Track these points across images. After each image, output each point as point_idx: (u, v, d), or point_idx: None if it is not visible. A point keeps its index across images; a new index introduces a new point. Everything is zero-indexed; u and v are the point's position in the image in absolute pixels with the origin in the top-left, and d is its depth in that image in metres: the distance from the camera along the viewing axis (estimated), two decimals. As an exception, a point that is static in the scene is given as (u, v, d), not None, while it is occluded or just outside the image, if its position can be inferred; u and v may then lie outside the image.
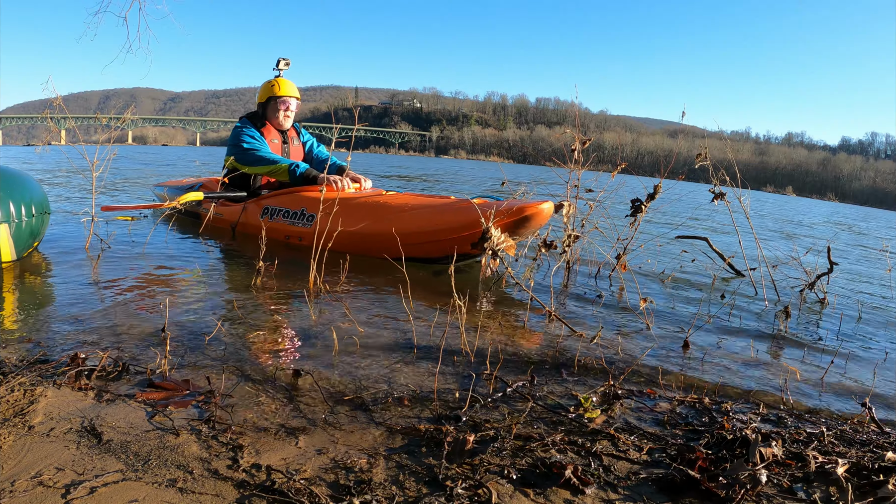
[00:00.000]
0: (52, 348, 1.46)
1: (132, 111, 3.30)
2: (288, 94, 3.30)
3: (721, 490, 0.95)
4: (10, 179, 2.34)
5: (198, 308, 1.89)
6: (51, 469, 0.93)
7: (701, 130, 73.48)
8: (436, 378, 1.40)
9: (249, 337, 1.63)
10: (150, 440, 1.04)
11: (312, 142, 3.61)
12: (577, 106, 3.04)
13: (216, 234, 3.34)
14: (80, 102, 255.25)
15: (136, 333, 1.61)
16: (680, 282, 2.90)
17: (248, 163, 3.18)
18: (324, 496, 0.89)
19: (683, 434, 1.19)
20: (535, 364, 1.59)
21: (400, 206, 2.78)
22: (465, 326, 1.71)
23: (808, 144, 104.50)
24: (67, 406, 1.15)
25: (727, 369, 1.66)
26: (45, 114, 2.94)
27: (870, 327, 2.34)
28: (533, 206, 2.48)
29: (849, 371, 1.73)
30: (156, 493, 0.88)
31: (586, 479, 0.98)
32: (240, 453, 1.01)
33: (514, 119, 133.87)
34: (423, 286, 2.40)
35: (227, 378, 1.34)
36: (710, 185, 2.83)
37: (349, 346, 1.62)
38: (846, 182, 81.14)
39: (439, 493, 0.92)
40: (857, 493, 0.97)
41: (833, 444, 1.15)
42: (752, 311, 2.43)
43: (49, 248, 2.70)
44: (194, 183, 4.01)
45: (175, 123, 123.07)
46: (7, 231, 2.22)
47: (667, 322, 2.13)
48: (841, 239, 7.15)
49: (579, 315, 2.17)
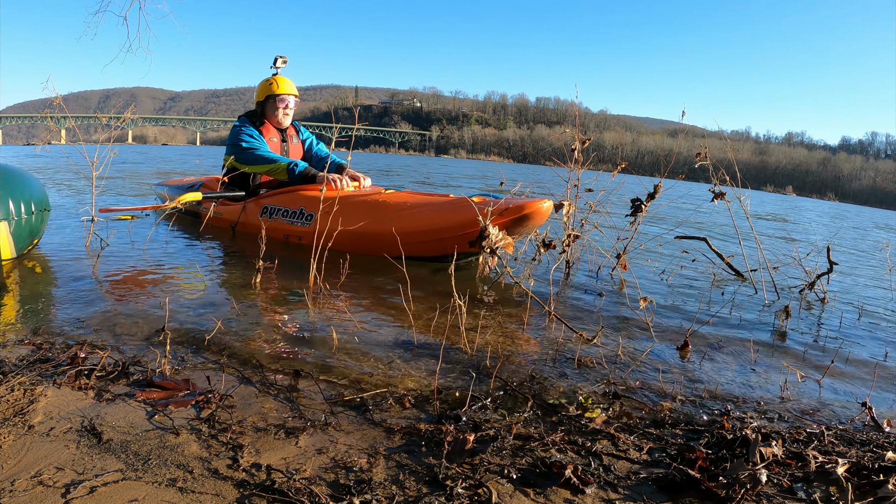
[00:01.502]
0: (52, 347, 1.46)
1: (132, 110, 3.30)
2: (286, 92, 3.29)
3: (721, 490, 0.95)
4: (9, 177, 2.34)
5: (198, 308, 1.89)
6: (51, 468, 0.93)
7: (701, 130, 73.47)
8: (436, 377, 1.40)
9: (249, 337, 1.63)
10: (150, 440, 1.04)
11: (311, 140, 3.60)
12: (577, 105, 3.05)
13: (216, 233, 3.34)
14: (80, 102, 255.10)
15: (136, 333, 1.61)
16: (680, 281, 2.90)
17: (247, 162, 3.18)
18: (324, 496, 0.89)
19: (683, 434, 1.19)
20: (535, 363, 1.59)
21: (399, 205, 2.77)
22: (465, 326, 1.71)
23: (808, 144, 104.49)
24: (67, 405, 1.15)
25: (727, 369, 1.66)
26: (45, 113, 2.94)
27: (870, 327, 2.34)
28: (532, 205, 2.48)
29: (849, 371, 1.73)
30: (156, 492, 0.88)
31: (586, 478, 0.98)
32: (240, 453, 1.01)
33: (514, 118, 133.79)
34: (423, 285, 2.40)
35: (226, 378, 1.34)
36: (711, 185, 2.82)
37: (349, 345, 1.62)
38: (846, 182, 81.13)
39: (439, 493, 0.92)
40: (857, 493, 0.97)
41: (833, 444, 1.15)
42: (752, 310, 2.43)
43: (49, 247, 2.70)
44: (194, 182, 4.01)
45: (175, 123, 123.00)
46: (7, 228, 2.22)
47: (667, 322, 2.13)
48: (840, 238, 7.15)
49: (579, 315, 2.17)
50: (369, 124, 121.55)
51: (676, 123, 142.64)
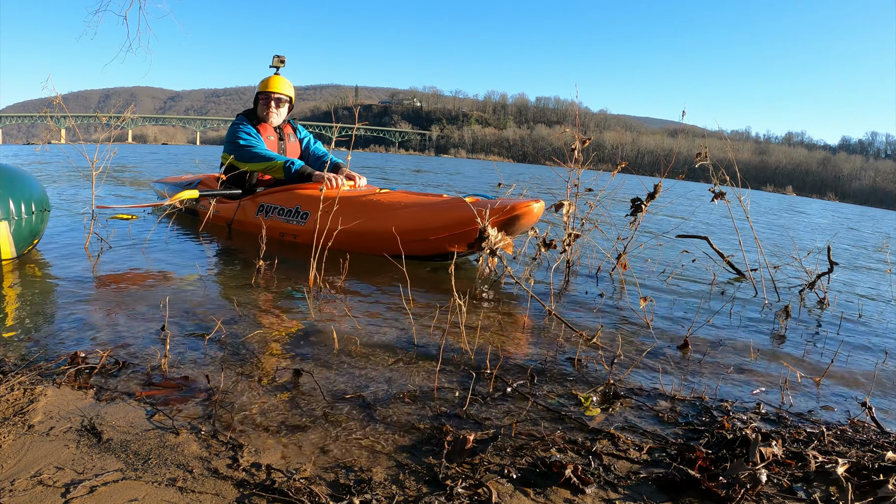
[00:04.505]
0: (52, 347, 1.46)
1: (132, 110, 3.30)
2: (274, 90, 3.31)
3: (721, 489, 0.95)
4: (9, 177, 2.34)
5: (198, 307, 1.89)
6: (50, 468, 0.92)
7: (701, 130, 73.37)
8: (436, 377, 1.40)
9: (249, 336, 1.63)
10: (150, 439, 1.04)
11: (309, 138, 3.62)
12: (577, 105, 3.04)
13: (215, 232, 3.34)
14: (80, 101, 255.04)
15: (136, 332, 1.61)
16: (680, 281, 2.90)
17: (244, 159, 3.20)
18: (324, 495, 0.89)
19: (683, 433, 1.19)
20: (535, 363, 1.59)
21: (393, 204, 2.80)
22: (464, 325, 1.71)
23: (808, 144, 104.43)
24: (67, 405, 1.15)
25: (727, 369, 1.66)
26: (45, 112, 2.94)
27: (870, 327, 2.34)
28: (523, 205, 2.48)
29: (849, 371, 1.73)
30: (156, 492, 0.88)
31: (586, 478, 0.98)
32: (240, 452, 1.01)
33: (514, 118, 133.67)
34: (423, 285, 2.40)
35: (226, 377, 1.34)
36: (711, 185, 2.82)
37: (349, 344, 1.62)
38: (846, 182, 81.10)
39: (439, 493, 0.92)
40: (857, 493, 0.97)
41: (833, 444, 1.15)
42: (752, 310, 2.43)
43: (49, 246, 2.70)
44: (193, 180, 4.01)
45: (175, 122, 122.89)
46: (7, 228, 2.22)
47: (667, 321, 2.13)
48: (840, 238, 7.15)
49: (579, 314, 2.17)
50: (369, 124, 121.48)
51: (676, 123, 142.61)
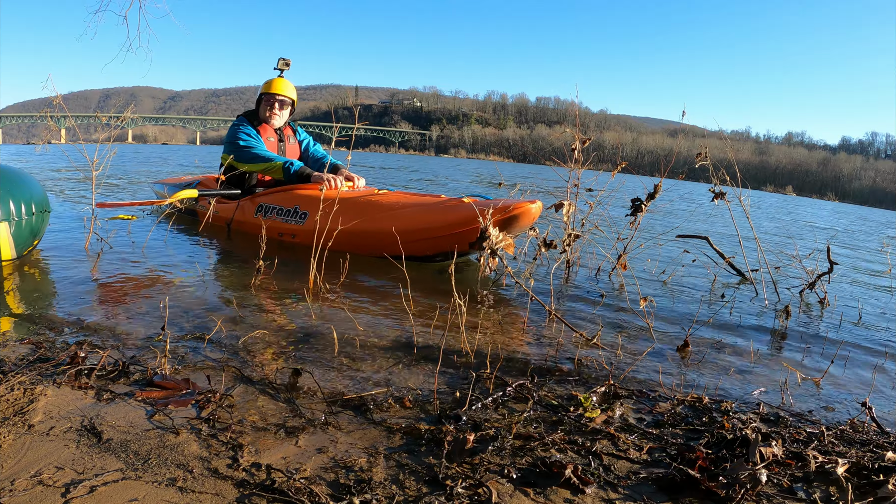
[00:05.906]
0: (52, 347, 1.46)
1: (132, 110, 3.31)
2: (277, 92, 3.33)
3: (721, 489, 0.95)
4: (10, 178, 2.34)
5: (198, 308, 1.89)
6: (50, 468, 0.92)
7: (701, 130, 73.23)
8: (436, 377, 1.40)
9: (249, 336, 1.63)
10: (150, 439, 1.04)
11: (308, 140, 3.64)
12: (577, 105, 3.04)
13: (215, 232, 3.35)
14: (80, 101, 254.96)
15: (136, 333, 1.61)
16: (680, 282, 2.90)
17: (243, 160, 3.21)
18: (324, 495, 0.89)
19: (683, 433, 1.19)
20: (535, 363, 1.59)
21: (391, 205, 2.81)
22: (465, 326, 1.71)
23: (808, 144, 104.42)
24: (67, 405, 1.15)
25: (727, 369, 1.66)
26: (44, 112, 2.94)
27: (870, 327, 2.34)
28: (520, 206, 2.48)
29: (849, 371, 1.73)
30: (156, 492, 0.88)
31: (586, 478, 0.98)
32: (240, 452, 1.01)
33: (514, 118, 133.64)
34: (423, 285, 2.40)
35: (226, 377, 1.34)
36: (711, 185, 2.82)
37: (349, 345, 1.62)
38: (846, 182, 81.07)
39: (439, 493, 0.92)
40: (857, 493, 0.97)
41: (833, 444, 1.15)
42: (752, 310, 2.43)
43: (49, 247, 2.70)
44: (192, 181, 4.02)
45: (175, 122, 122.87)
46: (7, 229, 2.22)
47: (667, 322, 2.13)
48: (840, 239, 7.14)
49: (579, 314, 2.17)
50: (369, 124, 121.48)
51: (676, 123, 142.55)
